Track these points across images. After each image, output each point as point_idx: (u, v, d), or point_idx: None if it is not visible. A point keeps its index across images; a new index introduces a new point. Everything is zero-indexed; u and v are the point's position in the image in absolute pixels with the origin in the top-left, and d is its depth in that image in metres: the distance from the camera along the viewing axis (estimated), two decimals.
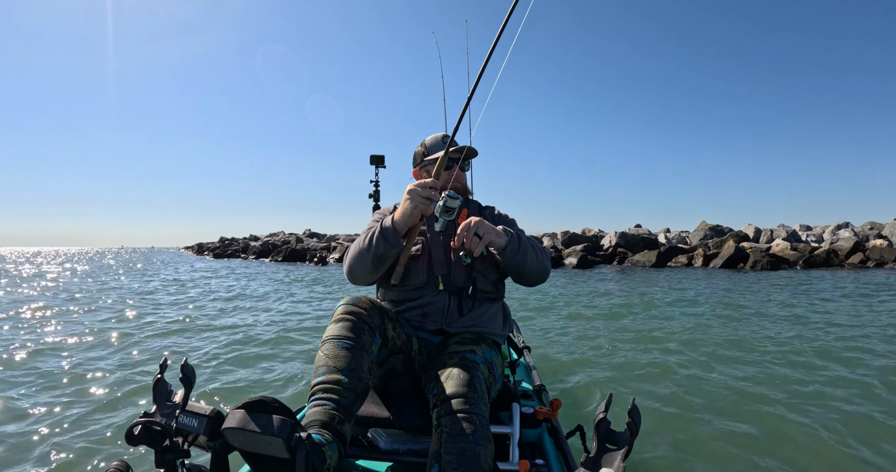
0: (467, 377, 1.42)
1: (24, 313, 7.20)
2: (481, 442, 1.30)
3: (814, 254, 19.29)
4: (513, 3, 1.71)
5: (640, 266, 20.00)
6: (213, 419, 1.21)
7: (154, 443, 1.17)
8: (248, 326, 6.17)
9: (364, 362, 1.42)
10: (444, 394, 1.39)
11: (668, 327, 6.00)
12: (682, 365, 4.16)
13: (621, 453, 1.08)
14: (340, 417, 1.29)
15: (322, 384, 1.34)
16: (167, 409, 1.24)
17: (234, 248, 41.80)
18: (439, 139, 1.99)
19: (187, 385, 1.25)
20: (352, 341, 1.43)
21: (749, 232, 23.65)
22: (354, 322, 1.47)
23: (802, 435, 2.72)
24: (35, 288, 11.73)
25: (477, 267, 1.78)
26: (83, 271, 20.74)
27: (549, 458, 1.64)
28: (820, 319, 6.51)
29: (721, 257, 19.22)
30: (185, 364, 1.25)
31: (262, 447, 1.07)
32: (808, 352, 4.58)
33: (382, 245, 1.65)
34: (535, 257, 1.76)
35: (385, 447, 1.56)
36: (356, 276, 1.76)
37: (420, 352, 1.70)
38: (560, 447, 1.70)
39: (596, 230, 28.11)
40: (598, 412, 1.14)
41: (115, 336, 5.36)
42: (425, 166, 1.99)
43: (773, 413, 3.05)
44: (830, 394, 3.38)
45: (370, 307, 1.54)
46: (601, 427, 1.12)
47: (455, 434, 1.29)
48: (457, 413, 1.34)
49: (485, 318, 1.80)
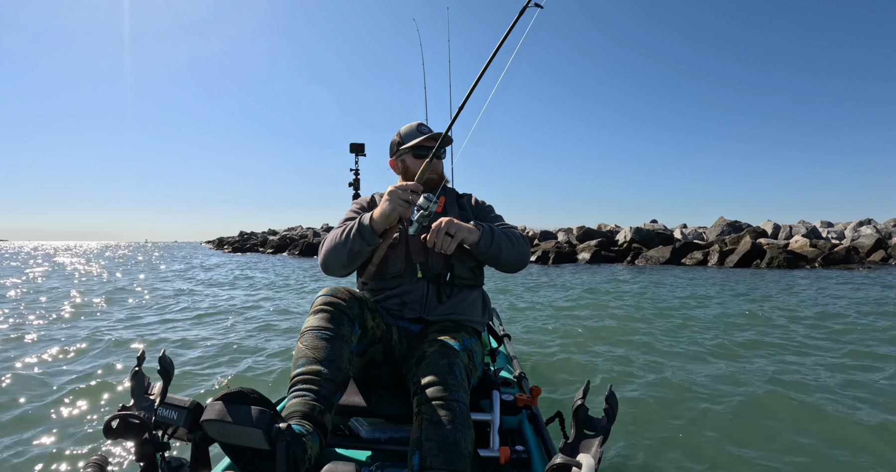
0: (447, 364, 1.43)
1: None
2: (462, 429, 1.31)
3: (833, 251, 18.91)
4: (515, 18, 1.80)
5: (654, 262, 19.82)
6: (192, 411, 1.20)
7: (133, 436, 1.16)
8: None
9: (344, 353, 1.42)
10: (423, 381, 1.40)
11: (650, 320, 6.05)
12: (660, 355, 4.24)
13: (598, 439, 1.10)
14: (321, 407, 1.29)
15: (302, 375, 1.35)
16: (146, 402, 1.22)
17: (253, 242, 42.40)
18: (414, 128, 1.99)
19: (166, 377, 1.23)
20: (331, 332, 1.44)
21: (767, 228, 23.25)
22: (333, 313, 1.48)
23: (781, 425, 2.75)
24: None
25: (455, 254, 1.79)
26: (166, 267, 21.17)
27: (528, 444, 1.66)
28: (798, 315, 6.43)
29: (737, 253, 18.94)
30: (162, 356, 1.24)
31: (242, 438, 1.07)
32: (788, 348, 4.56)
33: (359, 242, 1.67)
34: (510, 246, 1.78)
35: (366, 435, 1.57)
36: (330, 268, 1.78)
37: (400, 341, 1.71)
38: (540, 433, 1.72)
39: (612, 226, 27.90)
40: (575, 399, 1.15)
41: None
42: (401, 155, 2.00)
43: (753, 402, 3.11)
44: (808, 384, 3.36)
45: (349, 298, 1.55)
46: (579, 414, 1.13)
47: (436, 421, 1.30)
48: (437, 400, 1.34)
49: (464, 305, 1.82)
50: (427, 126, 2.02)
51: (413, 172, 1.93)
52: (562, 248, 21.79)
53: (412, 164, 1.95)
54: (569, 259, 20.94)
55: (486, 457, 1.47)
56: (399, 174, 2.03)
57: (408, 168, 1.96)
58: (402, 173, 2.00)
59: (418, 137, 1.95)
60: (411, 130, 1.99)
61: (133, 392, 1.24)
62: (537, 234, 25.58)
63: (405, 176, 1.98)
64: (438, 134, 1.93)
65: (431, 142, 1.94)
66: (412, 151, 1.95)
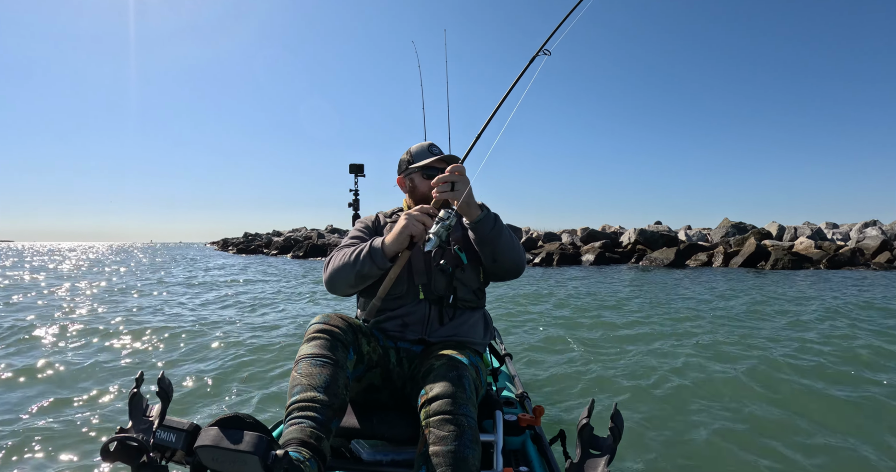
0: (456, 377, 1.42)
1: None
2: (470, 445, 1.29)
3: (838, 253, 18.86)
4: (527, 63, 1.94)
5: (658, 264, 19.81)
6: (191, 434, 1.17)
7: (130, 460, 1.14)
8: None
9: (339, 379, 1.41)
10: (432, 394, 1.38)
11: (653, 331, 5.91)
12: (668, 370, 4.15)
13: (605, 458, 1.07)
14: (318, 434, 1.26)
15: (298, 403, 1.33)
16: (144, 424, 1.20)
17: (258, 243, 42.55)
18: (425, 148, 2.00)
19: (164, 399, 1.21)
20: (325, 359, 1.43)
21: (772, 230, 23.20)
22: (327, 340, 1.47)
23: (795, 444, 2.71)
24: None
25: (457, 275, 1.79)
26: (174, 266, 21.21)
27: (532, 465, 1.63)
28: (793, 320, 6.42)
29: (742, 255, 18.92)
30: (161, 378, 1.22)
31: (237, 466, 1.03)
32: (787, 356, 4.54)
33: (368, 265, 1.66)
34: (510, 241, 1.78)
35: (367, 458, 1.55)
36: (336, 287, 1.77)
37: (399, 364, 1.71)
38: (544, 453, 1.70)
39: (616, 227, 27.89)
40: (580, 418, 1.13)
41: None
42: (409, 174, 2.00)
43: (766, 422, 3.05)
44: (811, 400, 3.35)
45: (342, 324, 1.54)
46: (584, 433, 1.11)
47: (444, 436, 1.28)
48: (445, 414, 1.32)
49: (466, 327, 1.80)
50: (437, 147, 2.03)
51: (421, 191, 1.94)
52: (566, 249, 21.81)
53: (420, 184, 1.96)
54: (573, 261, 20.95)
55: None
56: (406, 193, 2.04)
57: (415, 187, 1.97)
58: (410, 192, 2.01)
59: (429, 157, 1.96)
60: (422, 149, 1.99)
61: (131, 414, 1.22)
62: (541, 235, 25.60)
63: (412, 195, 1.99)
64: (450, 156, 1.95)
65: (442, 164, 1.93)
66: (422, 172, 1.95)
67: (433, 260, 1.79)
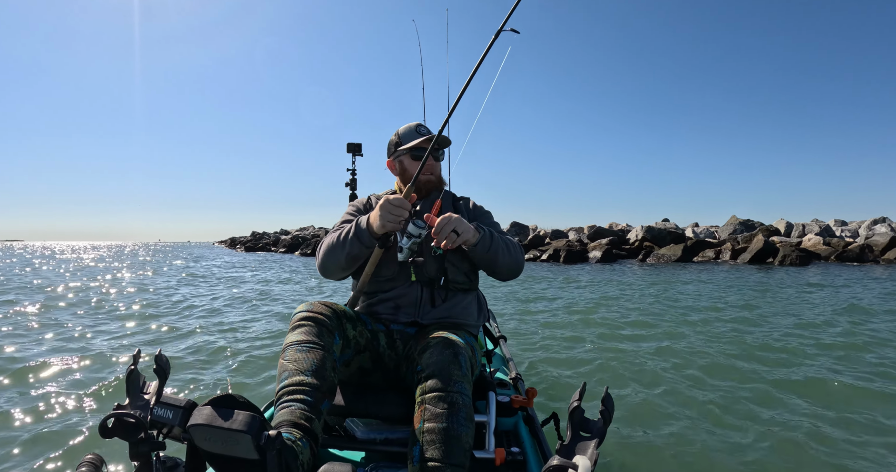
0: (452, 354, 1.42)
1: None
2: (464, 423, 1.31)
3: (847, 249, 18.76)
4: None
5: (665, 261, 19.79)
6: (187, 410, 1.19)
7: (128, 436, 1.15)
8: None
9: (327, 362, 1.42)
10: (428, 370, 1.38)
11: (650, 322, 5.97)
12: (656, 356, 4.22)
13: (595, 441, 1.09)
14: (309, 415, 1.28)
15: (287, 387, 1.34)
16: (141, 401, 1.22)
17: (265, 242, 42.80)
18: (413, 128, 1.95)
19: (161, 376, 1.23)
20: (311, 344, 1.44)
21: (780, 226, 23.09)
22: (311, 326, 1.48)
23: (781, 433, 2.73)
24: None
25: (448, 258, 1.78)
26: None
27: (524, 446, 1.66)
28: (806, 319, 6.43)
29: (749, 251, 18.86)
30: (159, 355, 1.23)
31: (230, 446, 1.04)
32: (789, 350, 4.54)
33: (357, 246, 1.66)
34: (506, 253, 1.77)
35: (361, 436, 1.57)
36: (328, 271, 1.76)
37: (391, 346, 1.71)
38: (535, 435, 1.72)
39: (623, 225, 27.83)
40: (572, 401, 1.15)
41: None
42: (398, 156, 1.96)
43: (754, 400, 3.10)
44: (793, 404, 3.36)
45: (326, 311, 1.54)
46: (575, 416, 1.13)
47: (439, 413, 1.30)
48: (440, 392, 1.34)
49: (459, 308, 1.80)
50: (426, 127, 1.98)
51: (410, 173, 1.92)
52: (573, 247, 21.80)
53: (410, 165, 1.93)
54: (580, 258, 20.95)
55: (481, 458, 1.47)
56: (397, 175, 2.01)
57: (405, 170, 1.94)
58: (400, 174, 1.98)
59: (416, 138, 1.92)
60: (409, 130, 1.95)
61: (128, 391, 1.23)
62: (548, 233, 25.59)
63: (402, 177, 1.97)
64: (439, 137, 1.86)
65: (430, 143, 1.87)
66: (410, 153, 1.92)
67: (424, 242, 1.76)
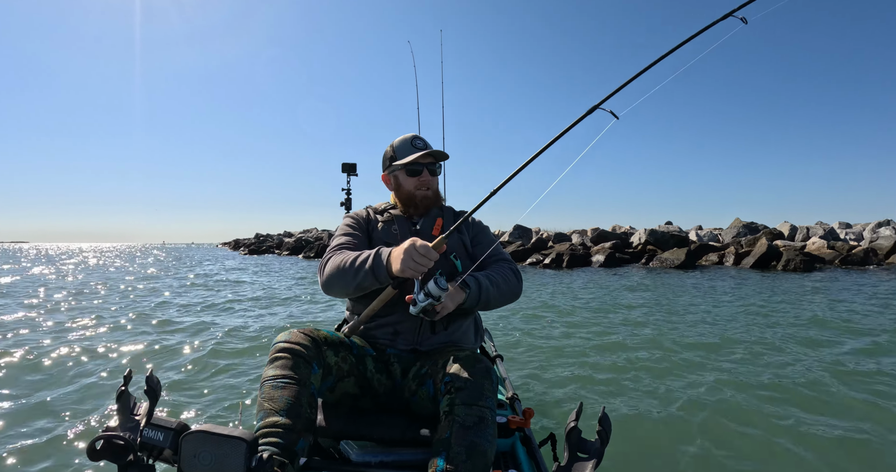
0: (484, 369, 1.42)
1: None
2: (490, 440, 1.31)
3: (851, 253, 18.72)
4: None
5: (669, 265, 19.77)
6: (178, 432, 1.16)
7: (117, 458, 1.13)
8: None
9: (302, 397, 1.40)
10: (459, 383, 1.37)
11: (650, 335, 5.88)
12: (657, 374, 4.18)
13: (592, 462, 1.08)
14: (282, 460, 1.28)
15: (262, 429, 1.34)
16: (131, 422, 1.20)
17: (269, 244, 42.90)
18: (408, 142, 1.89)
19: (152, 398, 1.20)
20: (287, 379, 1.42)
21: (784, 230, 23.05)
22: (288, 359, 1.46)
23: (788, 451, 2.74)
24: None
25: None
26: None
27: (521, 468, 1.65)
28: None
29: (753, 255, 18.83)
30: (150, 376, 1.21)
31: (219, 459, 1.06)
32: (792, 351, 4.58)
33: (370, 279, 1.59)
34: (497, 294, 1.73)
35: (356, 459, 1.56)
36: (333, 292, 1.71)
37: (379, 370, 1.68)
38: (533, 456, 1.72)
39: (626, 227, 27.83)
40: (568, 421, 1.15)
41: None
42: (393, 171, 1.92)
43: (756, 427, 3.06)
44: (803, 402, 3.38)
45: (303, 340, 1.51)
46: (572, 436, 1.12)
47: (469, 426, 1.30)
48: (473, 405, 1.33)
49: (458, 334, 1.80)
50: (422, 139, 1.92)
51: (406, 190, 1.89)
52: (576, 250, 21.79)
53: (405, 182, 1.89)
54: (583, 262, 20.94)
55: None
56: (391, 190, 1.98)
57: (400, 186, 1.90)
58: (395, 190, 1.94)
59: (413, 153, 1.86)
60: (405, 144, 1.89)
61: (118, 412, 1.21)
62: (551, 236, 25.61)
63: (398, 193, 1.93)
64: (436, 152, 1.87)
65: (428, 159, 1.87)
66: (405, 168, 1.87)
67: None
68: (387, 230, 1.85)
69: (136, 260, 28.18)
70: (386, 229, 1.86)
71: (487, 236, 1.97)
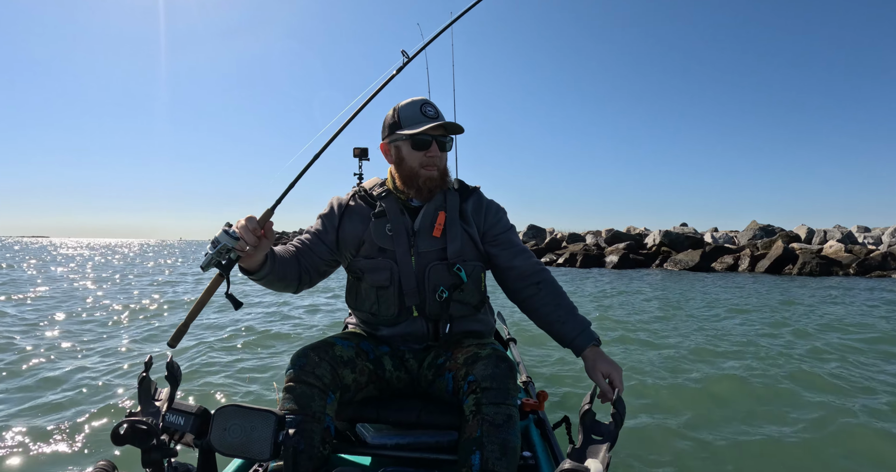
0: (508, 368, 1.40)
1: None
2: (517, 436, 1.34)
3: (869, 257, 18.52)
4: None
5: (683, 267, 19.73)
6: (199, 417, 1.19)
7: (140, 443, 1.15)
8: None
9: (315, 435, 1.36)
10: (486, 383, 1.36)
11: (664, 329, 5.98)
12: (668, 358, 4.27)
13: (606, 444, 1.09)
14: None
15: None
16: (153, 408, 1.22)
17: (284, 241, 43.22)
18: (416, 107, 1.59)
19: (173, 383, 1.23)
20: (299, 415, 1.36)
21: (801, 233, 22.84)
22: (300, 391, 1.39)
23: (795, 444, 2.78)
24: None
25: (455, 297, 1.60)
26: None
27: (536, 450, 1.65)
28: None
29: (769, 258, 18.73)
30: (170, 362, 1.22)
31: (245, 433, 1.10)
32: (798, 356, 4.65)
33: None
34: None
35: (372, 441, 1.57)
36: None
37: (397, 367, 1.64)
38: (547, 439, 1.73)
39: (641, 229, 27.75)
40: (583, 404, 1.15)
41: None
42: (395, 141, 1.61)
43: (764, 404, 3.19)
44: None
45: (318, 363, 1.43)
46: (586, 419, 1.13)
47: (499, 425, 1.31)
48: (500, 404, 1.34)
49: (474, 325, 1.71)
50: (433, 105, 1.63)
51: (409, 165, 1.60)
52: (590, 251, 21.84)
53: (409, 155, 1.59)
54: (596, 262, 20.98)
55: None
56: (391, 163, 1.67)
57: (403, 159, 1.60)
58: (396, 164, 1.64)
59: (422, 122, 1.56)
60: (412, 110, 1.59)
61: (140, 398, 1.24)
62: (565, 236, 25.64)
63: (399, 167, 1.63)
64: (449, 124, 1.58)
65: (439, 131, 1.58)
66: (411, 139, 1.57)
67: (427, 280, 1.59)
68: (380, 230, 1.60)
69: (159, 258, 28.61)
70: (380, 229, 1.60)
71: (504, 227, 1.72)
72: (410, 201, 1.65)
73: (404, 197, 1.65)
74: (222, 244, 1.30)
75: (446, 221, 1.61)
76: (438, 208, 1.62)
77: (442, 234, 1.59)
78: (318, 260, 1.63)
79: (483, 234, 1.68)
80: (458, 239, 1.61)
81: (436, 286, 1.58)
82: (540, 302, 1.64)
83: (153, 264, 21.38)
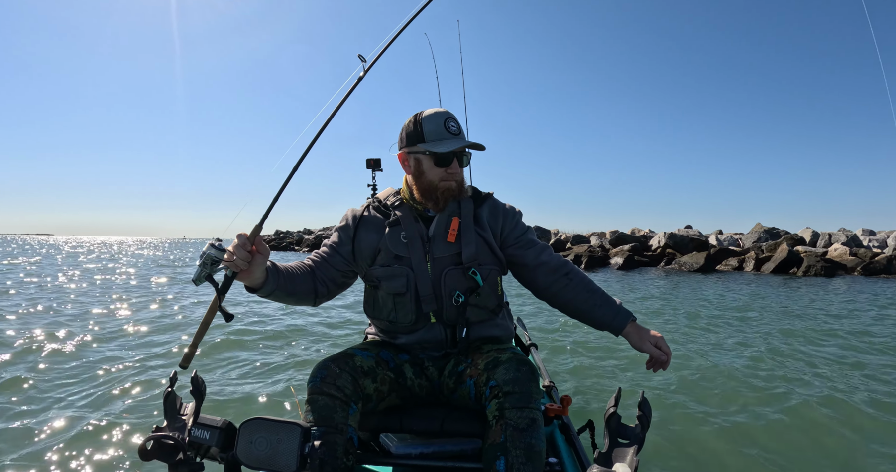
0: (529, 372, 1.40)
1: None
2: (542, 439, 1.33)
3: (874, 260, 18.51)
4: None
5: (688, 269, 19.76)
6: (224, 431, 1.20)
7: (167, 457, 1.17)
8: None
9: (338, 447, 1.35)
10: (508, 387, 1.36)
11: (677, 328, 6.02)
12: (690, 358, 4.31)
13: (633, 447, 1.08)
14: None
15: None
16: (178, 422, 1.23)
17: (289, 241, 43.49)
18: (441, 122, 1.59)
19: (198, 397, 1.23)
20: (323, 427, 1.36)
21: (806, 236, 22.84)
22: (323, 404, 1.39)
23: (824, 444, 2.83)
24: None
25: (472, 301, 1.62)
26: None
27: (561, 456, 1.64)
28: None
29: (773, 261, 18.73)
30: (194, 377, 1.23)
31: (272, 445, 1.10)
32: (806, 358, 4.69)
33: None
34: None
35: (396, 451, 1.56)
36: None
37: (418, 375, 1.65)
38: (572, 443, 1.72)
39: (646, 230, 27.76)
40: (607, 407, 1.14)
41: None
42: (416, 154, 1.62)
43: (791, 413, 3.18)
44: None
45: (339, 374, 1.44)
46: (611, 423, 1.12)
47: (523, 429, 1.30)
48: (524, 408, 1.33)
49: (493, 329, 1.71)
50: (456, 121, 1.63)
51: (429, 179, 1.62)
52: (594, 252, 21.86)
53: (430, 171, 1.61)
54: (601, 264, 21.01)
55: None
56: (409, 174, 1.67)
57: (423, 173, 1.62)
58: (415, 176, 1.65)
59: (447, 138, 1.59)
60: (437, 125, 1.59)
61: (166, 413, 1.25)
62: (570, 237, 25.68)
63: (418, 180, 1.64)
64: (474, 144, 1.61)
65: (463, 149, 1.60)
66: (434, 157, 1.59)
67: (443, 285, 1.61)
68: (395, 238, 1.62)
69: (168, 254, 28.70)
70: (394, 237, 1.63)
71: (521, 230, 1.74)
72: (427, 211, 1.68)
73: (420, 208, 1.68)
74: (207, 255, 1.32)
75: (460, 226, 1.62)
76: (452, 214, 1.64)
77: (457, 239, 1.61)
78: (334, 271, 1.68)
79: (504, 238, 1.70)
80: (473, 243, 1.62)
81: (452, 291, 1.60)
82: (574, 292, 1.67)
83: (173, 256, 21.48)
